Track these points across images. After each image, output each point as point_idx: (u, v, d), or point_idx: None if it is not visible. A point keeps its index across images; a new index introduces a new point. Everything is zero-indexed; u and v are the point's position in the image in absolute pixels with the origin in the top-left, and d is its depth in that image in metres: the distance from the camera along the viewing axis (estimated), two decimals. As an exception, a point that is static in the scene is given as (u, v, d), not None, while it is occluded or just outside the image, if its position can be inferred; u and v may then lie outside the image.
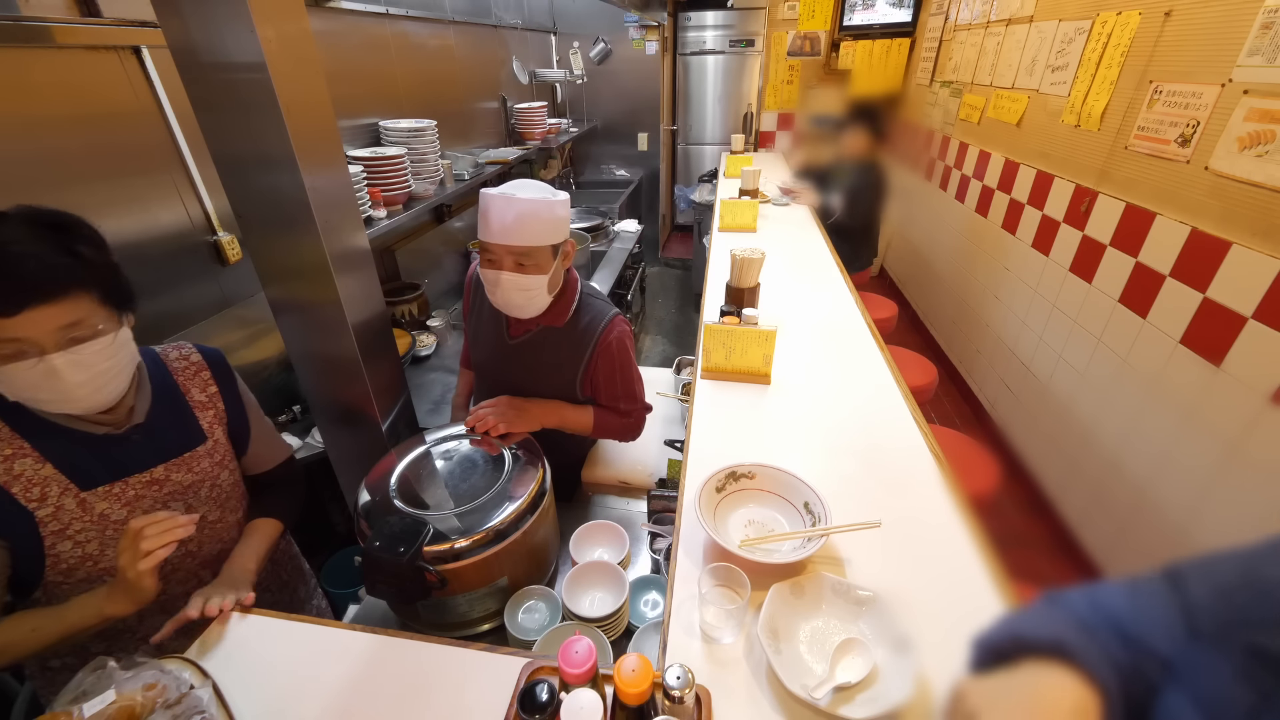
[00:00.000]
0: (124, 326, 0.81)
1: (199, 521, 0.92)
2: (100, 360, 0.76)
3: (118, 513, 0.85)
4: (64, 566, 0.83)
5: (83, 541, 0.83)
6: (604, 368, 1.25)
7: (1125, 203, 1.97)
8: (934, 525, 0.96)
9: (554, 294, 1.20)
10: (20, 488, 0.78)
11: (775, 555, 0.87)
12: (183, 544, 0.91)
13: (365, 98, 2.07)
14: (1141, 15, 1.94)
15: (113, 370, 0.79)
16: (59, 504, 0.81)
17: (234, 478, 1.01)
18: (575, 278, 1.27)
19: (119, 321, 0.80)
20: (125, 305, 0.81)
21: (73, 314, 0.72)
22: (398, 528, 0.90)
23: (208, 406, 0.96)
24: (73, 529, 0.82)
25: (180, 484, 0.91)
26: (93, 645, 0.91)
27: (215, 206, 1.46)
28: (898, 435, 1.18)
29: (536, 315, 1.21)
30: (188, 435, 0.93)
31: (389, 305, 2.09)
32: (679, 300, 4.47)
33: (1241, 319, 1.52)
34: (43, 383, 0.73)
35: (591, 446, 1.62)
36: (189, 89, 0.93)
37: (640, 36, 4.14)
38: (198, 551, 0.96)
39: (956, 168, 3.42)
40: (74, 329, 0.73)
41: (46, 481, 0.80)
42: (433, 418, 1.74)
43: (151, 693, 0.67)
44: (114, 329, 0.78)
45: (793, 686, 0.68)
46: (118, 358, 0.79)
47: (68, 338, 0.73)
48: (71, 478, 0.82)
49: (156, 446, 0.89)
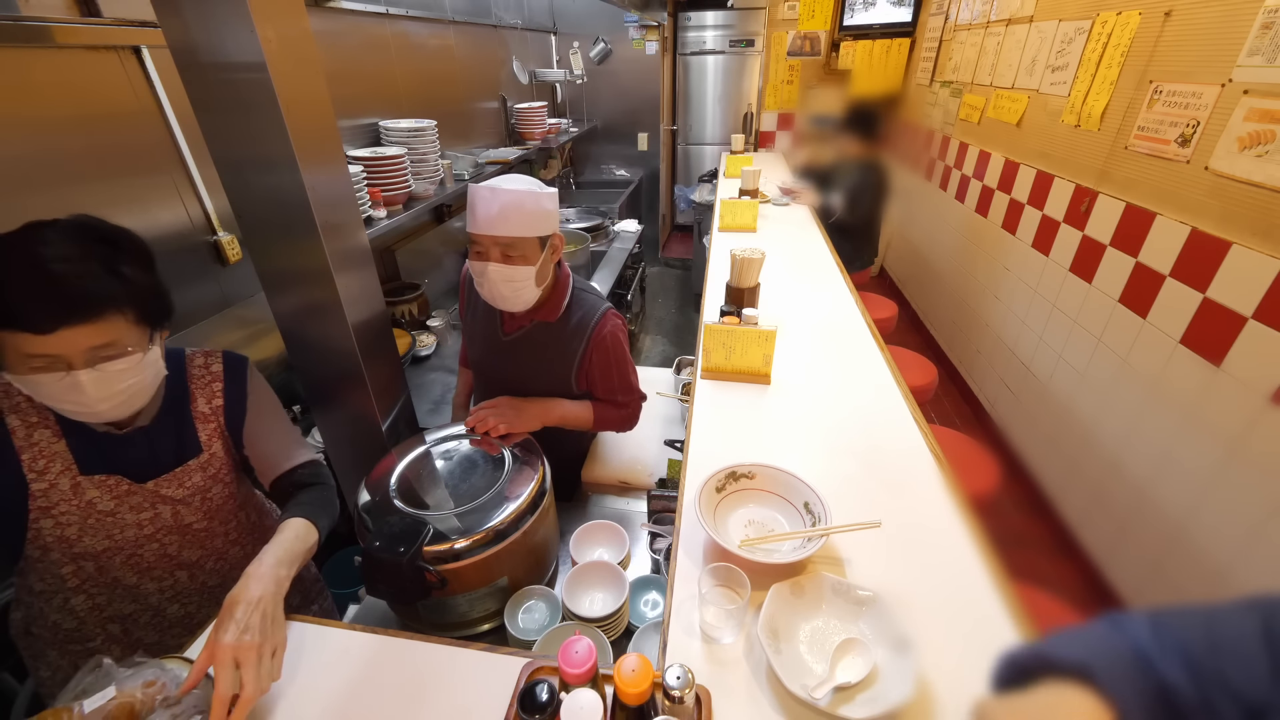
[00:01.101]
0: (154, 346, 0.81)
1: (182, 527, 0.94)
2: (125, 379, 0.77)
3: (105, 503, 0.86)
4: (41, 543, 0.85)
5: (64, 524, 0.84)
6: (599, 362, 1.25)
7: (1125, 203, 1.97)
8: (934, 525, 0.96)
9: (543, 288, 1.20)
10: (29, 456, 0.80)
11: (775, 555, 0.86)
12: (161, 544, 0.92)
13: (365, 98, 2.07)
14: (1141, 15, 1.94)
15: (136, 388, 0.80)
16: (54, 481, 0.82)
17: (227, 491, 1.00)
18: (567, 273, 1.27)
19: (149, 341, 0.80)
20: (160, 323, 0.82)
21: (105, 335, 0.73)
22: (398, 528, 0.90)
23: (209, 419, 0.96)
24: (59, 509, 0.83)
25: (170, 496, 0.91)
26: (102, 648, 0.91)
27: (215, 206, 1.46)
28: (898, 435, 1.18)
29: (528, 310, 1.21)
30: (184, 447, 0.93)
31: (389, 305, 2.09)
32: (679, 300, 4.47)
33: (1241, 319, 1.52)
34: (66, 395, 0.74)
35: (590, 445, 1.63)
36: (189, 89, 0.93)
37: (640, 36, 4.14)
38: (176, 555, 0.95)
39: (956, 168, 3.42)
40: (104, 349, 0.74)
41: (54, 456, 0.82)
42: (433, 418, 1.74)
43: (151, 690, 0.67)
44: (143, 349, 0.79)
45: (793, 686, 0.68)
46: (143, 376, 0.80)
47: (97, 356, 0.74)
48: (76, 458, 0.83)
49: (154, 453, 0.90)
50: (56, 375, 0.72)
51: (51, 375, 0.72)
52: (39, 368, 0.71)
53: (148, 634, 0.97)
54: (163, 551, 0.93)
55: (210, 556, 1.00)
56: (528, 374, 1.28)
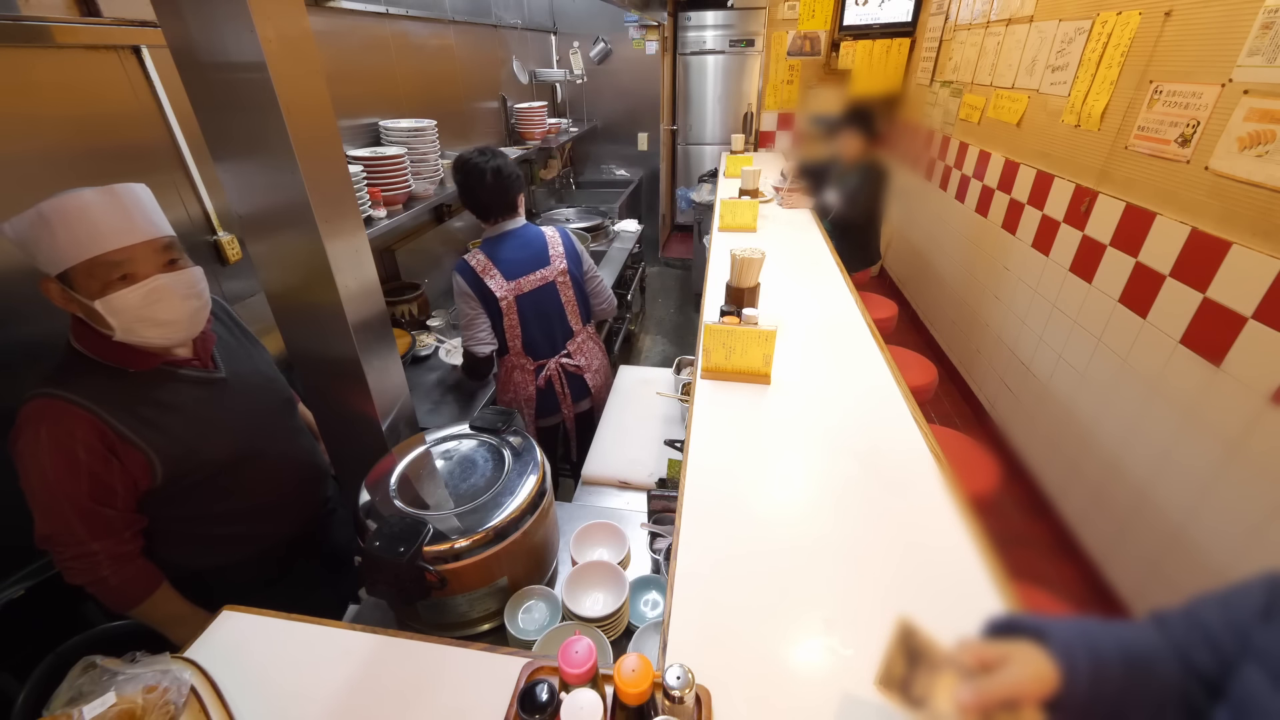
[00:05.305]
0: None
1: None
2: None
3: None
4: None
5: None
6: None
7: (1125, 203, 1.97)
8: (934, 525, 0.96)
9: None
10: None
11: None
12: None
13: (365, 98, 2.07)
14: (1141, 15, 1.94)
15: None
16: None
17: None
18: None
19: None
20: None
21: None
22: (398, 528, 0.90)
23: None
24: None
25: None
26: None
27: (215, 206, 1.46)
28: (898, 435, 1.18)
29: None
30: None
31: (389, 305, 2.09)
32: (679, 300, 4.47)
33: (1241, 319, 1.52)
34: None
35: (590, 445, 1.63)
36: (189, 89, 0.93)
37: (640, 36, 4.14)
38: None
39: (956, 168, 3.42)
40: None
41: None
42: (433, 418, 1.74)
43: (152, 695, 0.67)
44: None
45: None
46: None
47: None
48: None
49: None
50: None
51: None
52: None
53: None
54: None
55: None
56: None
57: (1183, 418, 1.71)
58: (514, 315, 1.69)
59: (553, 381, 1.80)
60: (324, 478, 1.30)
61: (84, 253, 0.83)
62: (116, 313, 0.86)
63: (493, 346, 1.70)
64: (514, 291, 1.67)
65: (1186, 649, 0.53)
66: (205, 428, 1.01)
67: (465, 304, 1.66)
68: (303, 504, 1.23)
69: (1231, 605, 0.53)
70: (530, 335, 1.74)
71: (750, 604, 0.83)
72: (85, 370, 0.91)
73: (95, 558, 0.93)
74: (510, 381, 1.79)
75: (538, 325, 1.75)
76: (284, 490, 1.17)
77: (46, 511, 0.90)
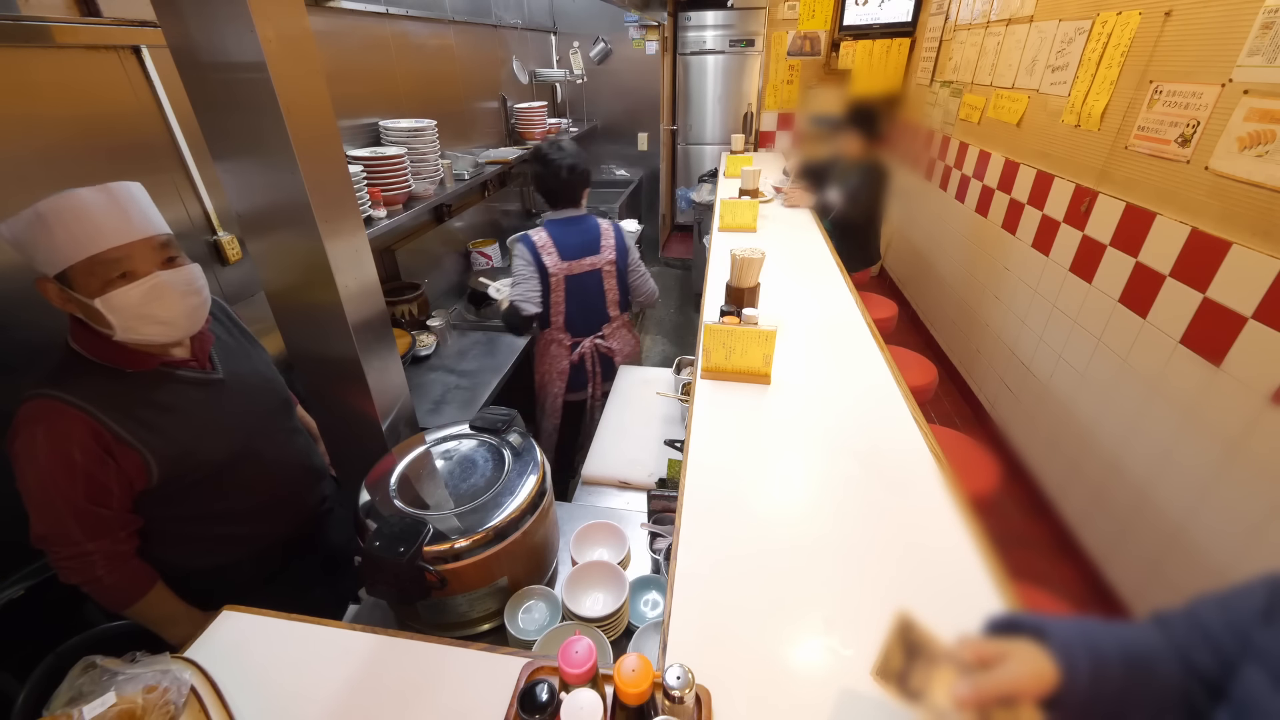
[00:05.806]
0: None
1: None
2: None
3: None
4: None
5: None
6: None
7: (1125, 203, 1.96)
8: (934, 525, 0.96)
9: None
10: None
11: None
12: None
13: (365, 98, 2.07)
14: (1141, 15, 1.94)
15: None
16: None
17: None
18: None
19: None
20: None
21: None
22: (398, 528, 0.90)
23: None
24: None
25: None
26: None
27: (215, 206, 1.46)
28: (898, 435, 1.18)
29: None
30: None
31: (389, 305, 2.09)
32: (679, 300, 4.47)
33: (1241, 319, 1.52)
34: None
35: (589, 444, 1.63)
36: (189, 89, 0.93)
37: (640, 36, 4.14)
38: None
39: (956, 168, 3.42)
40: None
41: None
42: (433, 418, 1.74)
43: (152, 695, 0.67)
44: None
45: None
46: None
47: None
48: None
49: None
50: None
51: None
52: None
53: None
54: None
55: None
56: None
57: (1183, 418, 1.71)
58: (560, 291, 1.92)
59: (585, 359, 2.01)
60: (320, 478, 1.29)
61: (83, 251, 0.83)
62: (116, 310, 0.86)
63: (537, 309, 1.90)
64: (565, 271, 1.90)
65: (1187, 649, 0.53)
66: (202, 429, 1.01)
67: (523, 267, 1.88)
68: (299, 504, 1.22)
69: (1232, 606, 0.53)
70: (571, 313, 1.97)
71: (750, 604, 0.83)
72: (83, 371, 0.91)
73: (90, 558, 0.92)
74: (547, 354, 2.02)
75: (579, 305, 1.97)
76: (280, 490, 1.17)
77: (42, 511, 0.90)
